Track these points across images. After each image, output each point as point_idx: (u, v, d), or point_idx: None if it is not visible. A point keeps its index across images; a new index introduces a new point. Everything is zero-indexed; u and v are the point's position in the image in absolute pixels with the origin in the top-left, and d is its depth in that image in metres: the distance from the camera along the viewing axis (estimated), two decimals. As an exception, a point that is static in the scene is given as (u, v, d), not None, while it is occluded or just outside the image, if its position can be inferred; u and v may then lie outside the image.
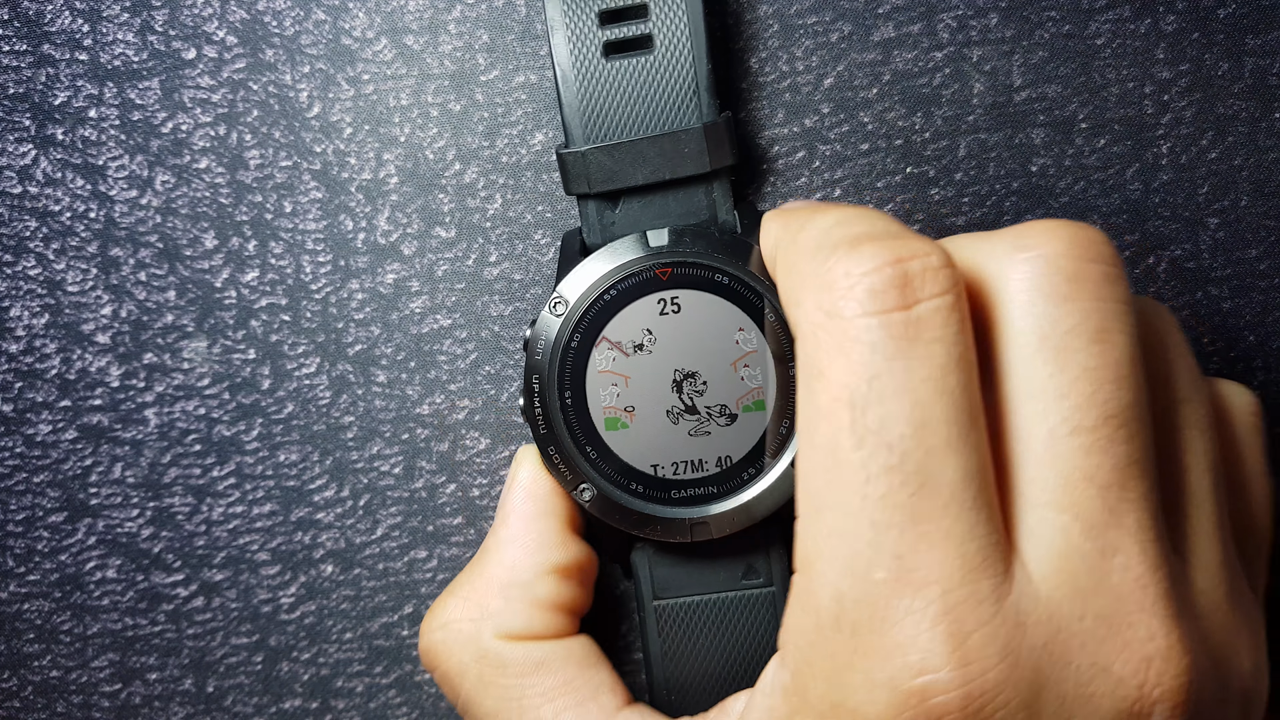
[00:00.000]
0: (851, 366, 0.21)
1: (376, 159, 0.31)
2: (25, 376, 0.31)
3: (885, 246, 0.22)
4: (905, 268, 0.21)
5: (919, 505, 0.21)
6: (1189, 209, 0.30)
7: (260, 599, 0.31)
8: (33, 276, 0.31)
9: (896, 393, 0.21)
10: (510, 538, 0.28)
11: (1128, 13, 0.30)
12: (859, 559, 0.21)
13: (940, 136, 0.30)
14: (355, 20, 0.31)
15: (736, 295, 0.27)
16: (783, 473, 0.27)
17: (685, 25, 0.28)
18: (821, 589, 0.22)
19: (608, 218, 0.28)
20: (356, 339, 0.31)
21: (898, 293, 0.21)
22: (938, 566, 0.21)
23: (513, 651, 0.27)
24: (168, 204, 0.31)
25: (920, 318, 0.21)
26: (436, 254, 0.31)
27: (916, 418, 0.21)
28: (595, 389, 0.28)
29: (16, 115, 0.31)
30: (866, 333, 0.21)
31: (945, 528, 0.21)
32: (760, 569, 0.29)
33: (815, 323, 0.22)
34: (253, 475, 0.31)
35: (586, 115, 0.28)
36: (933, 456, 0.21)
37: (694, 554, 0.29)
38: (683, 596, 0.29)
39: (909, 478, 0.21)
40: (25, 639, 0.31)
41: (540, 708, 0.26)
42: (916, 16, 0.30)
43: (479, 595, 0.27)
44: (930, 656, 0.20)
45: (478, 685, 0.27)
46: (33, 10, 0.31)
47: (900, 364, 0.21)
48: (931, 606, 0.21)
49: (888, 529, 0.21)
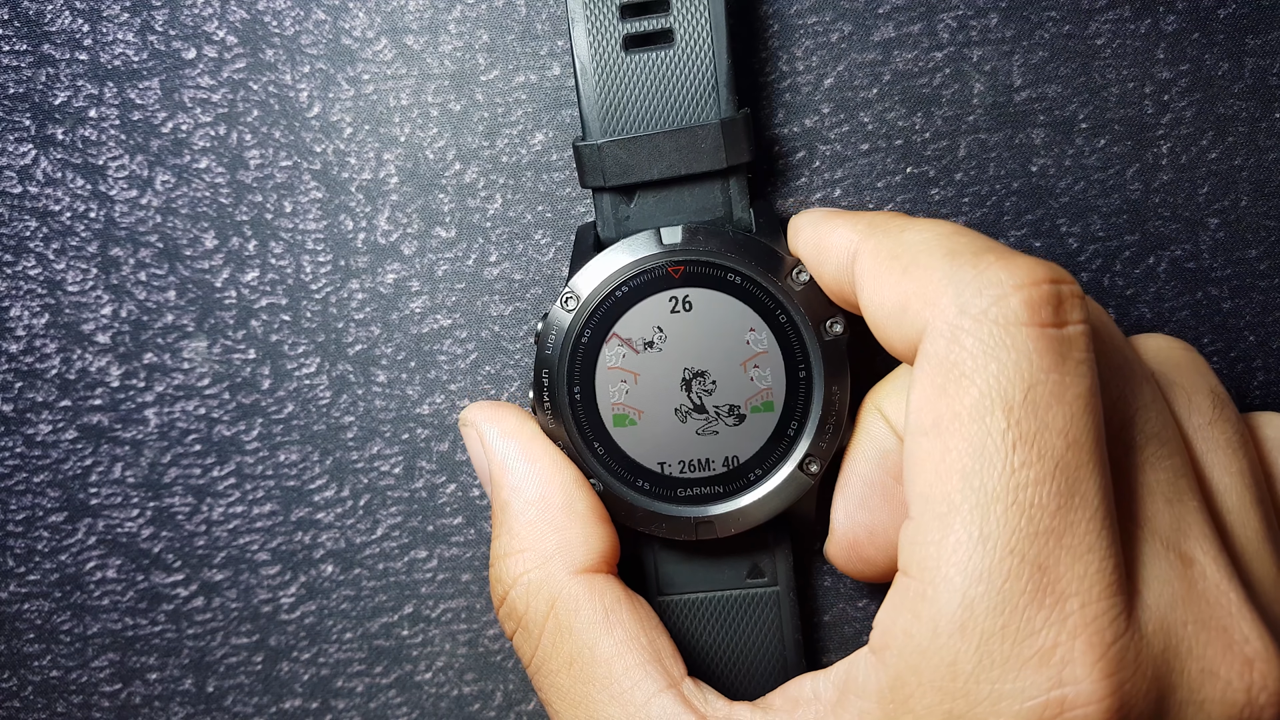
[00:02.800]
0: (1007, 371, 0.21)
1: (376, 159, 0.31)
2: (25, 376, 0.31)
3: (1041, 264, 0.22)
4: (1059, 289, 0.22)
5: (1065, 518, 0.21)
6: (1189, 209, 0.30)
7: (260, 599, 0.31)
8: (33, 276, 0.31)
9: (1053, 404, 0.21)
10: (521, 477, 0.27)
11: (1128, 13, 0.30)
12: (999, 567, 0.21)
13: (940, 136, 0.30)
14: (355, 20, 0.31)
15: (748, 295, 0.27)
16: (789, 475, 0.27)
17: (707, 20, 0.28)
18: (945, 594, 0.21)
19: (622, 212, 0.28)
20: (357, 339, 0.31)
21: (1052, 310, 0.22)
22: (1079, 580, 0.21)
23: (584, 592, 0.26)
24: (168, 204, 0.31)
25: (1071, 337, 0.22)
26: (436, 254, 0.31)
27: (1071, 433, 0.21)
28: (604, 385, 0.27)
29: (16, 115, 0.31)
30: (1025, 341, 0.21)
31: (1089, 542, 0.21)
32: (765, 569, 0.29)
33: (955, 324, 0.22)
34: (253, 475, 0.31)
35: (604, 108, 0.28)
36: (1081, 472, 0.21)
37: (700, 552, 0.29)
38: (687, 593, 0.29)
39: (1059, 490, 0.21)
40: (25, 639, 0.31)
41: (612, 661, 0.25)
42: (916, 16, 0.30)
43: (531, 542, 0.27)
44: (1072, 667, 0.21)
45: (555, 634, 0.26)
46: (33, 10, 0.31)
47: (1056, 377, 0.21)
48: (1072, 618, 0.21)
49: (1034, 538, 0.21)
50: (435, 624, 0.31)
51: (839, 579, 0.31)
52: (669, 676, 0.25)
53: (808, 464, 0.27)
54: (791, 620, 0.29)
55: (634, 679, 0.25)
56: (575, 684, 0.26)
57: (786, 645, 0.29)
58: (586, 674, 0.25)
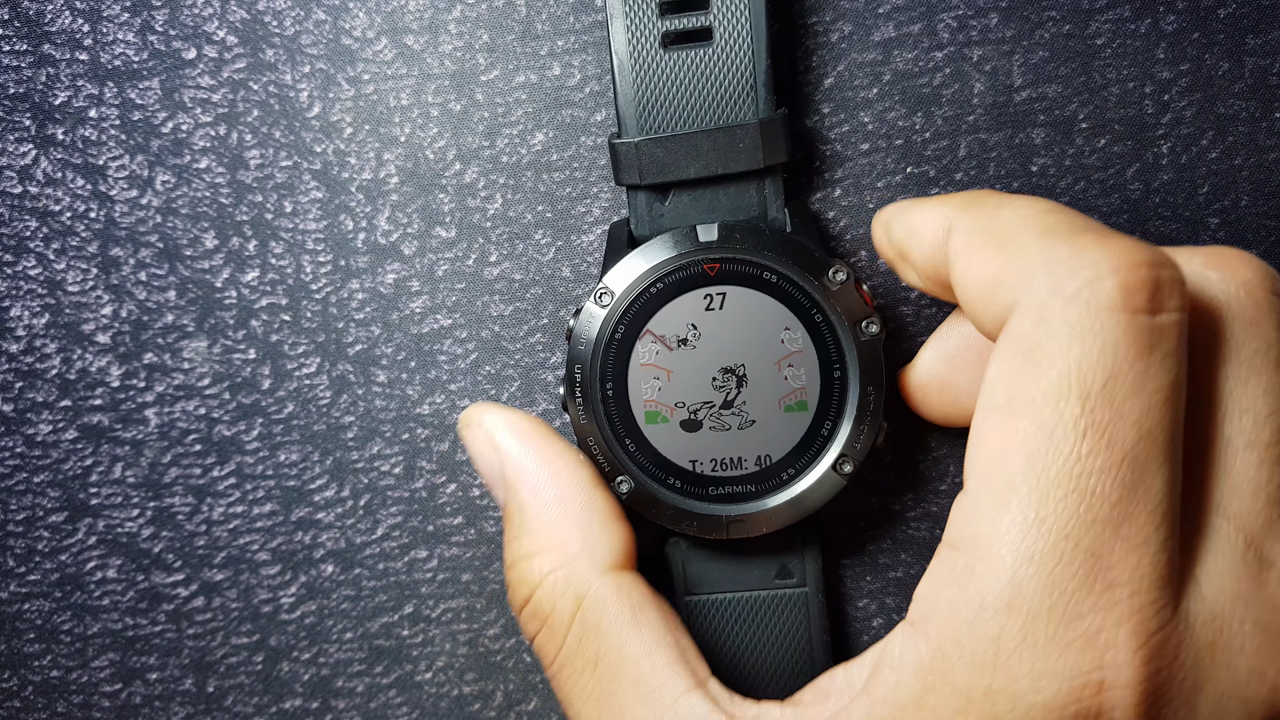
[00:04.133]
0: (1089, 358, 0.21)
1: (377, 159, 0.31)
2: (25, 376, 0.31)
3: (1140, 247, 0.22)
4: (1157, 274, 0.21)
5: (1125, 509, 0.21)
6: (1189, 209, 0.30)
7: (260, 599, 0.31)
8: (33, 276, 0.31)
9: (1131, 395, 0.21)
10: (539, 478, 0.27)
11: (1128, 13, 0.30)
12: (1052, 551, 0.21)
13: (940, 136, 0.30)
14: (355, 20, 0.31)
15: (784, 294, 0.27)
16: (822, 475, 0.27)
17: (747, 19, 0.27)
18: (995, 572, 0.21)
19: (656, 209, 0.28)
20: (357, 339, 0.31)
21: (1148, 296, 0.21)
22: (1132, 570, 0.21)
23: (611, 591, 0.26)
24: (168, 204, 0.31)
25: (1163, 326, 0.21)
26: (437, 254, 0.31)
27: (1145, 425, 0.21)
28: (637, 382, 0.27)
29: (17, 115, 0.31)
30: (1114, 328, 0.21)
31: (1146, 535, 0.21)
32: (794, 569, 0.29)
33: (1046, 304, 0.22)
34: (253, 475, 0.31)
35: (641, 106, 0.28)
36: (1149, 465, 0.21)
37: (728, 551, 0.29)
38: (715, 593, 0.29)
39: (1124, 481, 0.21)
40: (25, 639, 0.31)
41: (640, 660, 0.25)
42: (916, 16, 0.30)
43: (555, 541, 0.26)
44: (1115, 652, 0.21)
45: (582, 633, 0.26)
46: (33, 10, 0.31)
47: (1140, 367, 0.21)
48: (1119, 606, 0.21)
49: (1090, 526, 0.21)
50: (435, 624, 0.31)
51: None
52: (695, 676, 0.25)
53: (841, 465, 0.27)
54: (820, 622, 0.29)
55: (662, 678, 0.25)
56: (601, 683, 0.25)
57: (814, 647, 0.29)
58: (614, 673, 0.25)
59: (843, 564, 0.31)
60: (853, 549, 0.31)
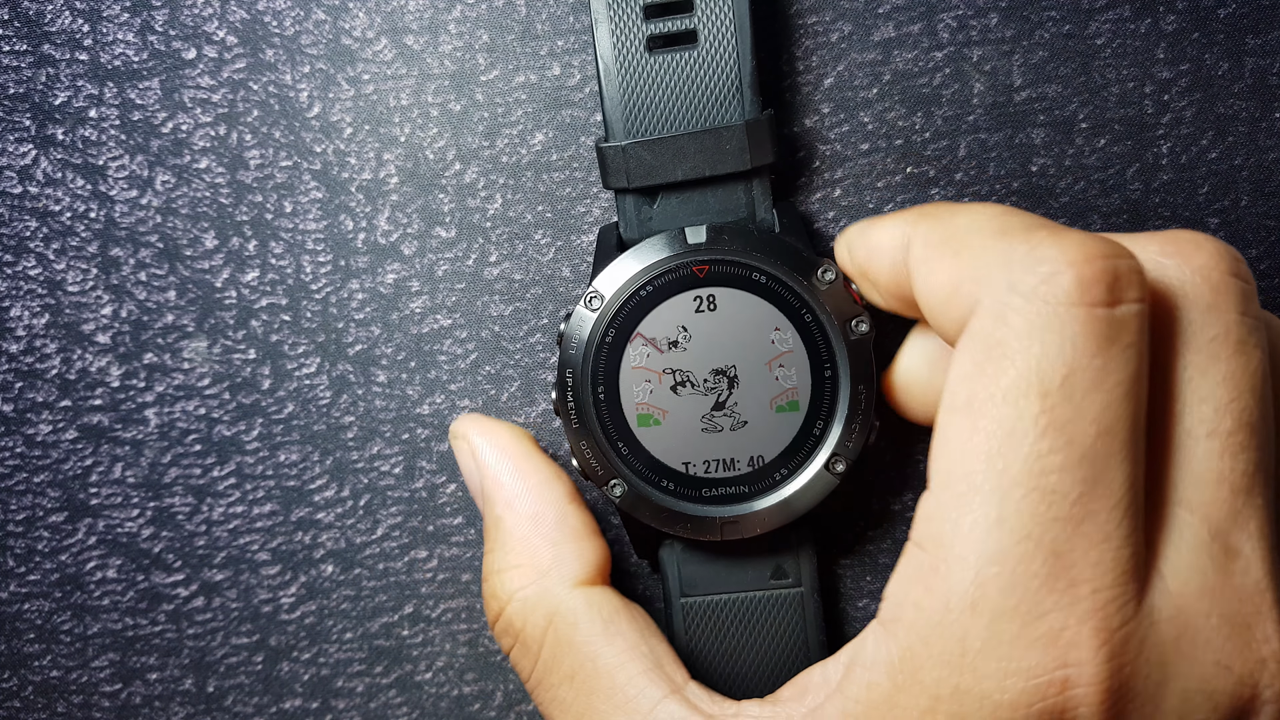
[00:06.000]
0: (1048, 355, 0.21)
1: (376, 159, 0.31)
2: (25, 376, 0.31)
3: (1096, 239, 0.22)
4: (1114, 265, 0.21)
5: (1086, 506, 0.21)
6: (1189, 209, 0.30)
7: (260, 599, 0.31)
8: (33, 276, 0.31)
9: (1090, 392, 0.21)
10: (514, 494, 0.27)
11: (1128, 13, 0.30)
12: (1014, 550, 0.21)
13: (940, 136, 0.30)
14: (355, 20, 0.31)
15: (773, 294, 0.27)
16: (815, 474, 0.27)
17: (731, 21, 0.28)
18: (959, 571, 0.21)
19: (645, 213, 0.28)
20: (357, 339, 0.31)
21: (1105, 288, 0.21)
22: (1093, 568, 0.21)
23: (582, 605, 0.26)
24: (168, 204, 0.31)
25: (1122, 319, 0.21)
26: (436, 254, 0.31)
27: (1104, 421, 0.21)
28: (629, 385, 0.27)
29: (16, 115, 0.31)
30: (1072, 323, 0.21)
31: (1107, 532, 0.21)
32: (789, 570, 0.29)
33: (1004, 301, 0.21)
34: (253, 475, 0.31)
35: (628, 109, 0.28)
36: (1110, 461, 0.21)
37: (722, 552, 0.29)
38: (710, 594, 0.29)
39: (1084, 478, 0.21)
40: (25, 639, 0.32)
41: (615, 671, 0.26)
42: (916, 16, 0.30)
43: (526, 557, 0.27)
44: (1078, 649, 0.21)
45: (555, 648, 0.26)
46: (33, 10, 0.31)
47: (1099, 362, 0.21)
48: (1082, 603, 0.21)
49: (1051, 524, 0.21)
50: (435, 624, 0.31)
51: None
52: (672, 682, 0.25)
53: (833, 464, 0.27)
54: (816, 621, 0.29)
55: (638, 687, 0.25)
56: (578, 696, 0.26)
57: (810, 647, 0.29)
58: (590, 685, 0.25)
59: (842, 564, 0.31)
60: (852, 549, 0.31)
